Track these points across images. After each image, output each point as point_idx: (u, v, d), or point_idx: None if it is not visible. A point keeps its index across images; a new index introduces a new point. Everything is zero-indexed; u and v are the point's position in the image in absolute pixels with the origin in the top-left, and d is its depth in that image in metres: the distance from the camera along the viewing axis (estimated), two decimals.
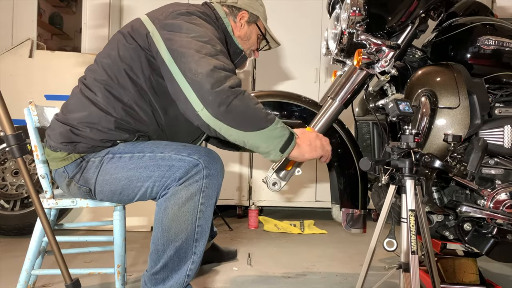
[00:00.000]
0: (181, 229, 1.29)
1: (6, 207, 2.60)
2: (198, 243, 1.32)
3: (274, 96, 1.65)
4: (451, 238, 1.57)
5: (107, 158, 1.35)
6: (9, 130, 1.07)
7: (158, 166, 1.30)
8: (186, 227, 1.29)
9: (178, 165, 1.29)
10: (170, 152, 1.32)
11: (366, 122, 1.85)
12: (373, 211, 3.09)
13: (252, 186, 3.29)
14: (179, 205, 1.28)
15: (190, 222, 1.29)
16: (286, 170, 1.48)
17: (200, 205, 1.30)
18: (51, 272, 1.62)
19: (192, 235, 1.30)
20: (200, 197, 1.29)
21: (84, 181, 1.38)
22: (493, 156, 1.54)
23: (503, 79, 1.59)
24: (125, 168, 1.33)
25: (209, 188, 1.30)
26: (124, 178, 1.33)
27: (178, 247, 1.30)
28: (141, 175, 1.31)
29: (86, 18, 3.10)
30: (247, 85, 3.27)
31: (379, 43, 1.44)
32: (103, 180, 1.35)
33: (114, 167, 1.34)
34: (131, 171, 1.32)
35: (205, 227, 1.32)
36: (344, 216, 1.62)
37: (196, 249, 1.32)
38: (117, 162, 1.34)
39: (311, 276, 1.98)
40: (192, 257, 1.32)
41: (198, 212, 1.30)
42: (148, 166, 1.31)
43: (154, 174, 1.30)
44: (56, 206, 1.47)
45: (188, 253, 1.31)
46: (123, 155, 1.34)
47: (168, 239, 1.30)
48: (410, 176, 1.21)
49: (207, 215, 1.32)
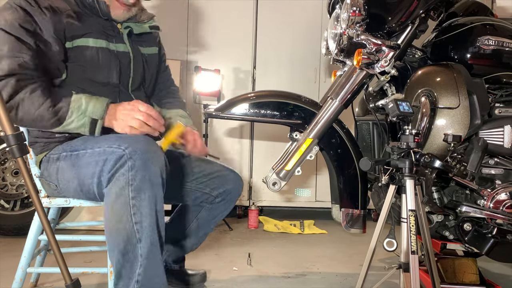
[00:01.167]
0: (118, 229, 1.19)
1: (6, 207, 2.60)
2: (141, 243, 1.19)
3: (274, 96, 1.64)
4: (451, 238, 1.57)
5: (62, 156, 1.35)
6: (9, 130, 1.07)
7: (96, 162, 1.24)
8: (124, 226, 1.18)
9: (110, 158, 1.20)
10: (105, 145, 1.24)
11: (366, 122, 1.85)
12: (373, 211, 3.09)
13: (252, 186, 3.29)
14: (111, 203, 1.19)
15: (126, 220, 1.18)
16: (286, 170, 1.48)
17: (131, 200, 1.17)
18: (48, 270, 1.63)
19: (132, 235, 1.18)
20: (129, 191, 1.17)
21: (50, 178, 1.39)
22: (493, 156, 1.54)
23: (503, 79, 1.59)
24: (75, 165, 1.30)
25: (137, 180, 1.17)
26: (76, 176, 1.30)
27: (123, 250, 1.19)
28: (87, 172, 1.26)
29: None
30: (247, 85, 3.28)
31: (379, 43, 1.44)
32: (63, 178, 1.35)
33: (68, 164, 1.32)
34: (80, 169, 1.28)
35: (145, 224, 1.19)
36: (344, 216, 1.61)
37: (142, 251, 1.19)
38: (69, 160, 1.32)
39: (311, 276, 1.98)
40: (139, 259, 1.20)
41: (131, 208, 1.17)
42: (89, 162, 1.26)
43: (96, 169, 1.23)
44: (49, 205, 1.48)
45: (136, 256, 1.20)
46: (73, 153, 1.32)
47: (112, 243, 1.21)
48: (410, 176, 1.21)
49: (144, 211, 1.18)
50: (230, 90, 3.26)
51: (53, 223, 1.64)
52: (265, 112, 1.61)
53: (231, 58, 3.28)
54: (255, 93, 1.69)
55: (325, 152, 1.63)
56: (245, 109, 1.61)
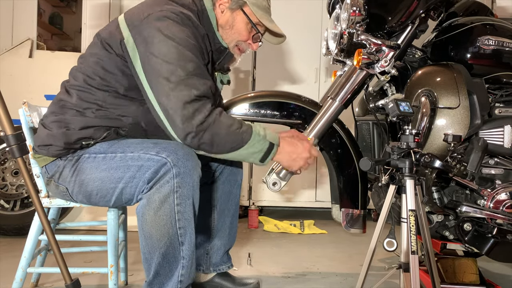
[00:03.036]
0: (162, 234, 1.25)
1: (6, 207, 2.60)
2: (184, 246, 1.27)
3: (274, 96, 1.64)
4: (451, 238, 1.57)
5: (84, 158, 1.33)
6: (9, 130, 1.07)
7: (128, 167, 1.27)
8: (167, 231, 1.25)
9: (147, 165, 1.25)
10: (139, 151, 1.28)
11: (366, 122, 1.85)
12: (373, 211, 3.08)
13: (252, 186, 3.29)
14: (155, 209, 1.24)
15: (170, 226, 1.25)
16: (286, 170, 1.48)
17: (176, 206, 1.24)
18: (48, 270, 1.63)
19: (175, 238, 1.26)
20: (174, 198, 1.24)
21: (62, 180, 1.36)
22: (493, 156, 1.54)
23: (503, 79, 1.59)
24: (98, 168, 1.30)
25: (183, 187, 1.24)
26: (98, 179, 1.30)
27: (164, 253, 1.26)
28: (113, 176, 1.28)
29: (86, 18, 3.09)
30: (247, 85, 3.28)
31: (379, 43, 1.44)
32: (80, 180, 1.33)
33: (89, 167, 1.32)
34: (103, 172, 1.30)
35: (188, 229, 1.27)
36: (344, 216, 1.62)
37: (184, 253, 1.27)
38: (91, 162, 1.32)
39: (311, 276, 1.98)
40: (182, 262, 1.27)
41: (176, 213, 1.25)
42: (119, 167, 1.28)
43: (125, 175, 1.27)
44: (50, 205, 1.48)
45: (176, 258, 1.27)
46: (97, 155, 1.32)
47: (152, 246, 1.26)
48: (410, 176, 1.21)
49: (187, 216, 1.27)
50: (230, 90, 3.26)
51: (53, 223, 1.64)
52: (265, 112, 1.61)
53: None
54: (255, 93, 1.69)
55: (325, 152, 1.63)
56: (245, 109, 1.61)
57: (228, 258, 1.76)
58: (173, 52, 1.26)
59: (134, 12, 1.36)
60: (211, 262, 1.71)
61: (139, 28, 1.30)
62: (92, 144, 1.35)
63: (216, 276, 1.72)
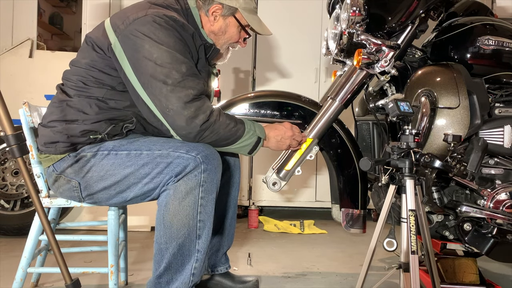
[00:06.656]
0: (183, 224, 1.29)
1: (6, 207, 2.60)
2: (200, 239, 1.31)
3: (274, 96, 1.65)
4: (451, 238, 1.57)
5: (102, 155, 1.34)
6: (9, 130, 1.07)
7: (156, 164, 1.30)
8: (188, 221, 1.29)
9: (176, 162, 1.29)
10: (168, 149, 1.32)
11: (366, 122, 1.85)
12: (373, 211, 3.08)
13: (252, 186, 3.29)
14: (180, 199, 1.28)
15: (191, 217, 1.29)
16: (286, 170, 1.48)
17: (200, 199, 1.30)
18: (49, 270, 1.63)
19: (194, 230, 1.30)
20: (199, 191, 1.29)
21: (75, 174, 1.36)
22: (493, 156, 1.54)
23: (503, 79, 1.59)
24: (123, 165, 1.32)
25: (208, 182, 1.30)
26: (121, 175, 1.32)
27: (181, 244, 1.29)
28: (139, 172, 1.31)
29: (86, 18, 3.09)
30: (247, 85, 3.28)
31: (379, 43, 1.44)
32: (97, 176, 1.34)
33: (110, 163, 1.33)
34: (128, 169, 1.32)
35: (207, 223, 1.32)
36: (344, 216, 1.62)
37: (199, 246, 1.31)
38: (113, 159, 1.34)
39: (311, 276, 1.98)
40: (196, 254, 1.31)
41: (199, 206, 1.30)
42: (146, 163, 1.31)
43: (153, 171, 1.30)
44: (50, 205, 1.48)
45: (191, 251, 1.30)
46: (119, 152, 1.34)
47: (170, 236, 1.29)
48: (410, 176, 1.21)
49: (208, 210, 1.32)
50: (230, 90, 3.26)
51: (53, 223, 1.64)
52: (265, 112, 1.61)
53: (231, 58, 3.23)
54: (255, 93, 1.69)
55: (325, 152, 1.63)
56: (245, 109, 1.61)
57: (226, 259, 1.77)
58: (165, 56, 1.30)
59: (119, 17, 1.39)
60: (209, 263, 1.72)
61: (124, 32, 1.33)
62: (99, 138, 1.36)
63: (215, 274, 1.73)
